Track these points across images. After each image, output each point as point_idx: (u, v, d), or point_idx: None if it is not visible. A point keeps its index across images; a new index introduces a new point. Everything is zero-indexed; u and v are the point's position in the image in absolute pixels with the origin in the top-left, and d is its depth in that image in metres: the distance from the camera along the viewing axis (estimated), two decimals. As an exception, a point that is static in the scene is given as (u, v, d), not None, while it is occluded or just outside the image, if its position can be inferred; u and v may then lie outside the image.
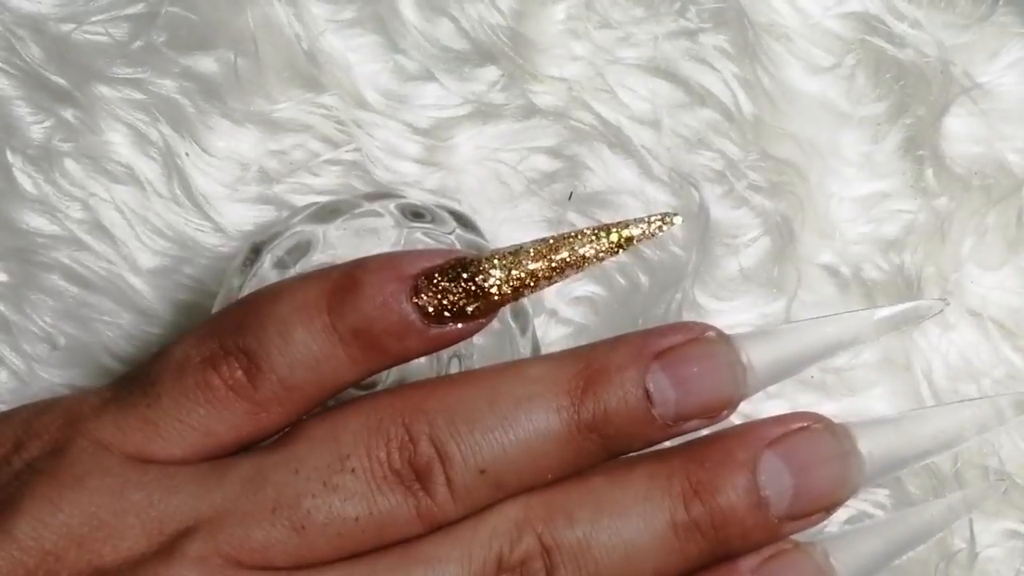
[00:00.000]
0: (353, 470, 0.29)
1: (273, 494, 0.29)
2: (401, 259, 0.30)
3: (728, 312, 0.43)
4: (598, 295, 0.43)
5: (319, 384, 0.30)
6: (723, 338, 0.31)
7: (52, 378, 0.42)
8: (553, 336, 0.43)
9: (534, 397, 0.30)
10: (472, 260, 0.30)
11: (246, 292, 0.36)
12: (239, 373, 0.30)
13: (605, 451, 0.30)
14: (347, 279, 0.30)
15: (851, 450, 0.31)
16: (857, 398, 0.43)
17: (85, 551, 0.28)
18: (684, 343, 0.30)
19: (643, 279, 0.43)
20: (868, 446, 0.31)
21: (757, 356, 0.31)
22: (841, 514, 0.42)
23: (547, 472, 0.30)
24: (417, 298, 0.30)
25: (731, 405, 0.30)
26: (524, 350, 0.37)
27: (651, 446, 0.31)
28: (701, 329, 0.31)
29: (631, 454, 0.31)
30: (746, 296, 0.43)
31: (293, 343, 0.29)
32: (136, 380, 0.30)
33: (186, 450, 0.30)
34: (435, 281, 0.30)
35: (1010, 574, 0.42)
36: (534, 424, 0.30)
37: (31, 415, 0.31)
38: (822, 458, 0.30)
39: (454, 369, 0.36)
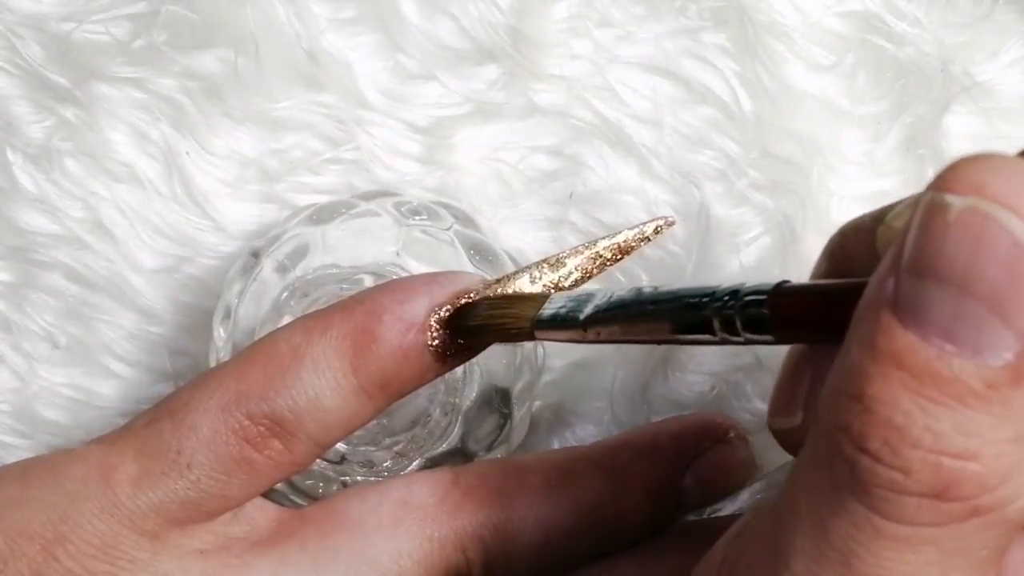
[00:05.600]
0: None
1: None
2: (410, 303, 0.30)
3: (729, 311, 0.43)
4: (599, 294, 0.43)
5: (349, 431, 0.31)
6: (743, 441, 0.35)
7: (53, 377, 0.42)
8: (554, 334, 0.43)
9: (582, 526, 0.33)
10: (480, 294, 0.31)
11: (247, 298, 0.36)
12: (276, 443, 0.30)
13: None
14: (364, 334, 0.30)
15: None
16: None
17: None
18: (712, 448, 0.34)
19: (644, 278, 0.42)
20: None
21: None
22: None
23: None
24: (433, 343, 0.30)
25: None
26: (527, 343, 0.37)
27: None
28: (724, 429, 0.35)
29: None
30: (747, 295, 0.43)
31: (325, 409, 0.30)
32: (164, 455, 0.30)
33: (227, 509, 0.31)
34: (448, 323, 0.30)
35: (1011, 573, 0.42)
36: (578, 545, 0.33)
37: (60, 499, 0.30)
38: None
39: (459, 368, 0.36)
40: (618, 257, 0.31)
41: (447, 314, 0.30)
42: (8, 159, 0.42)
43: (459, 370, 0.36)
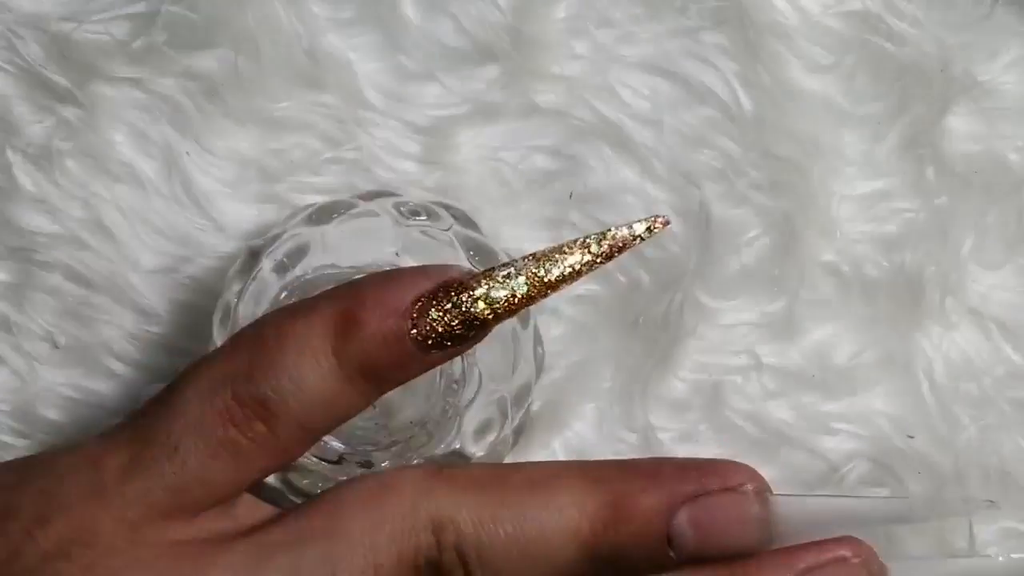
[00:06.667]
0: None
1: None
2: (395, 290, 0.30)
3: (729, 311, 0.43)
4: (599, 293, 0.43)
5: (333, 418, 0.31)
6: (759, 497, 0.31)
7: (53, 377, 0.42)
8: (554, 334, 0.43)
9: (556, 531, 0.30)
10: (464, 284, 0.31)
11: (246, 297, 0.36)
12: (259, 426, 0.30)
13: (614, 573, 0.31)
14: (346, 318, 0.30)
15: None
16: (858, 397, 0.43)
17: None
18: (717, 492, 0.31)
19: (644, 277, 0.43)
20: None
21: (790, 518, 0.31)
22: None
23: None
24: (415, 331, 0.30)
25: (752, 552, 0.31)
26: (527, 342, 0.37)
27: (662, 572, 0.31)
28: (739, 478, 0.31)
29: None
30: (747, 295, 0.43)
31: (306, 389, 0.30)
32: (154, 441, 0.30)
33: (214, 500, 0.30)
34: (431, 312, 0.30)
35: (1009, 572, 0.42)
36: (553, 553, 0.30)
37: (50, 483, 0.30)
38: None
39: (457, 367, 0.36)
40: (609, 255, 0.31)
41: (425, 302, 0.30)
42: (8, 159, 0.42)
43: (458, 370, 0.36)
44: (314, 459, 0.35)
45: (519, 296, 0.31)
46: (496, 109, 0.43)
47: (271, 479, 0.35)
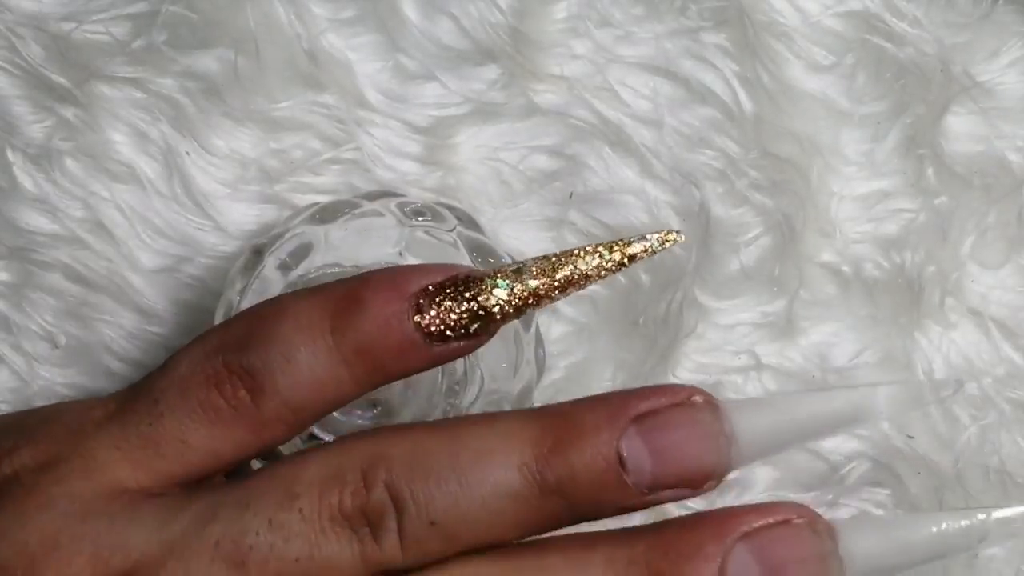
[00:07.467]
0: (300, 510, 0.29)
1: (219, 529, 0.29)
2: (403, 276, 0.30)
3: (729, 311, 0.43)
4: (599, 293, 0.43)
5: (322, 402, 0.30)
6: (710, 405, 0.29)
7: (53, 377, 0.42)
8: (555, 334, 0.43)
9: (495, 451, 0.29)
10: (474, 278, 0.30)
11: (249, 295, 0.36)
12: (242, 393, 0.30)
13: (571, 514, 0.29)
14: (349, 298, 0.30)
15: (832, 552, 0.29)
16: (858, 397, 0.43)
17: (32, 571, 0.28)
18: (667, 407, 0.29)
19: (644, 277, 0.43)
20: (852, 549, 0.29)
21: (747, 427, 0.29)
22: (842, 513, 0.42)
23: (504, 531, 0.29)
24: (420, 317, 0.30)
25: (714, 477, 0.29)
26: (529, 345, 0.37)
27: (623, 512, 0.29)
28: (687, 393, 0.29)
29: (596, 524, 0.30)
30: (747, 295, 0.43)
31: (296, 364, 0.29)
32: (140, 395, 0.30)
33: (187, 468, 0.30)
34: (437, 300, 0.30)
35: (1010, 574, 0.42)
36: (492, 480, 0.28)
37: (38, 421, 0.31)
38: (798, 558, 0.29)
39: (459, 367, 0.36)
40: (620, 263, 0.31)
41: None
42: (8, 159, 0.42)
43: (459, 370, 0.36)
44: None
45: (528, 293, 0.30)
46: (496, 109, 0.43)
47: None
